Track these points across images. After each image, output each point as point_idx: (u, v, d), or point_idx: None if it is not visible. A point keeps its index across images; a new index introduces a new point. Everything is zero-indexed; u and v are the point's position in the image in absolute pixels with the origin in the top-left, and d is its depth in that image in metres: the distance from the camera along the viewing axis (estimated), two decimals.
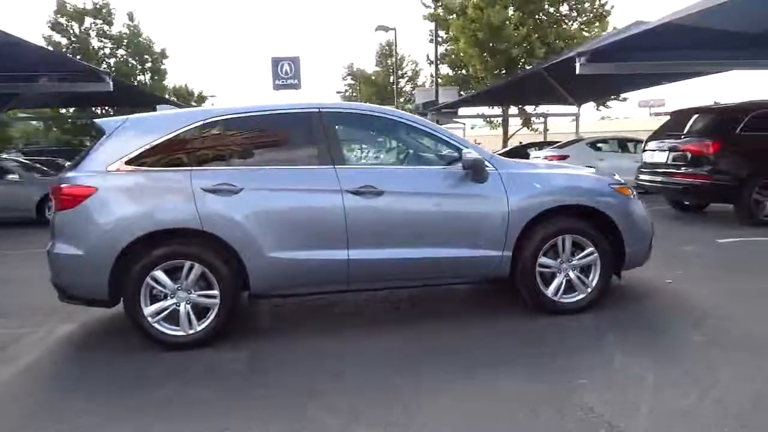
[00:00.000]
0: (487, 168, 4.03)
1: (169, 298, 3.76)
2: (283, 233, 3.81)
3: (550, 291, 4.16)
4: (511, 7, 17.70)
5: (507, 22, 16.87)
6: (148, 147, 3.81)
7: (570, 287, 4.20)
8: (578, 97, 19.13)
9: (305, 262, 3.84)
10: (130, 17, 27.68)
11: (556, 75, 14.26)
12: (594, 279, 4.21)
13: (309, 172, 3.94)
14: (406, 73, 51.09)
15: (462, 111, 22.98)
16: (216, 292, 3.77)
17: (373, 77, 49.68)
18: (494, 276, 4.15)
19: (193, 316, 3.78)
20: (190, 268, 3.73)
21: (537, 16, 17.96)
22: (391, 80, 49.55)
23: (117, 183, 3.76)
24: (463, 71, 20.91)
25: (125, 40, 27.01)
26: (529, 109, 21.78)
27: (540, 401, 2.89)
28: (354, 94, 65.12)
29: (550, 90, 16.53)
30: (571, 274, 4.19)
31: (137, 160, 3.79)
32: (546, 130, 24.40)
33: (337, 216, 3.85)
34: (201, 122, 3.91)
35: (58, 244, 3.74)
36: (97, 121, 4.02)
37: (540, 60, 17.92)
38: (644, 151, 9.37)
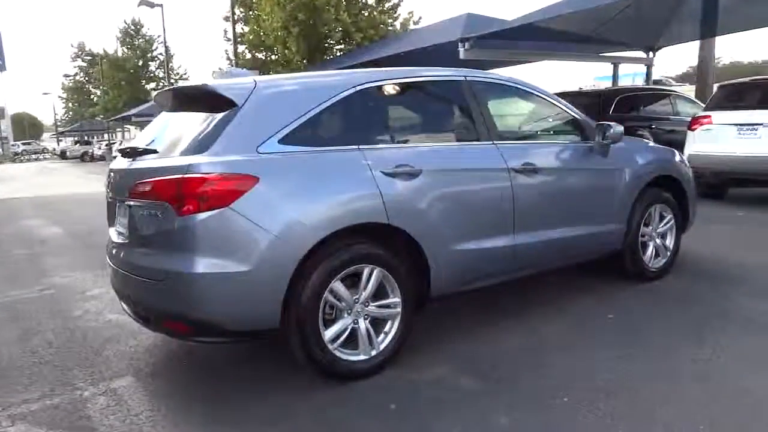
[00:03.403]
0: None
1: (345, 314, 2.92)
2: (463, 221, 3.26)
3: (646, 258, 4.37)
4: None
5: (327, 6, 16.65)
6: (302, 121, 2.86)
7: (656, 253, 4.47)
8: None
9: (482, 252, 3.34)
10: None
11: (377, 65, 14.58)
12: (671, 243, 4.55)
13: (476, 149, 3.42)
14: (156, 57, 46.59)
15: None
16: (397, 299, 3.05)
17: (120, 60, 43.82)
18: (615, 250, 4.17)
19: (373, 334, 3.00)
20: (370, 274, 2.95)
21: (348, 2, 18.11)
22: (142, 63, 44.80)
23: (281, 169, 2.75)
24: (269, 54, 19.94)
25: None
26: None
27: None
28: (87, 78, 56.96)
29: None
30: (658, 241, 4.46)
31: (293, 138, 2.82)
32: None
33: (507, 197, 3.44)
34: (352, 89, 3.06)
35: (202, 260, 2.57)
36: (216, 86, 2.84)
37: (356, 45, 18.17)
38: None
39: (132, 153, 3.07)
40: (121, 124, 45.87)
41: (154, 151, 2.94)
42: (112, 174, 3.15)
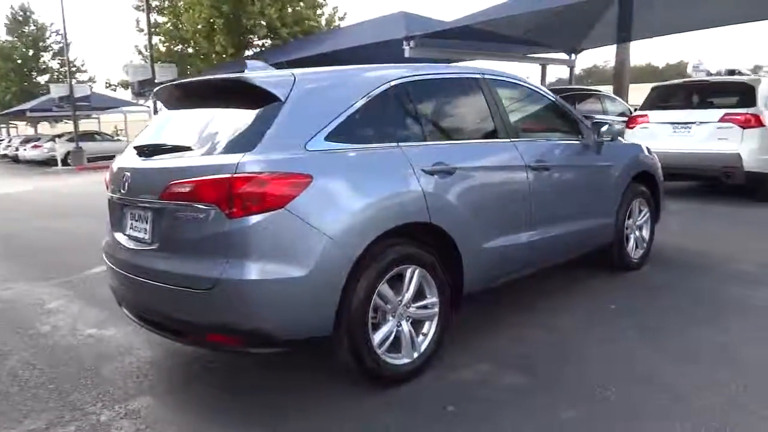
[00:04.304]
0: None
1: (389, 317, 2.84)
2: (491, 218, 3.28)
3: (629, 249, 4.60)
4: None
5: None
6: (345, 116, 2.74)
7: (636, 245, 4.71)
8: None
9: (507, 248, 3.37)
10: None
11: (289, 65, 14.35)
12: (647, 235, 4.81)
13: (498, 146, 3.43)
14: (50, 47, 43.02)
15: None
16: (434, 299, 3.00)
17: (6, 49, 39.85)
18: (606, 242, 4.33)
19: (415, 336, 2.94)
20: (412, 275, 2.88)
21: None
22: (32, 54, 41.04)
23: (332, 167, 2.61)
24: (186, 47, 18.92)
25: None
26: None
27: None
28: None
29: None
30: (637, 233, 4.70)
31: (338, 135, 2.69)
32: None
33: (526, 194, 3.49)
34: (387, 84, 2.96)
35: (258, 266, 2.38)
36: (255, 79, 2.63)
37: (283, 39, 17.71)
38: None
39: (154, 150, 2.79)
40: (7, 119, 41.96)
41: (187, 149, 2.69)
42: (126, 173, 2.84)
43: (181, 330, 2.67)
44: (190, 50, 18.95)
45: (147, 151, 2.84)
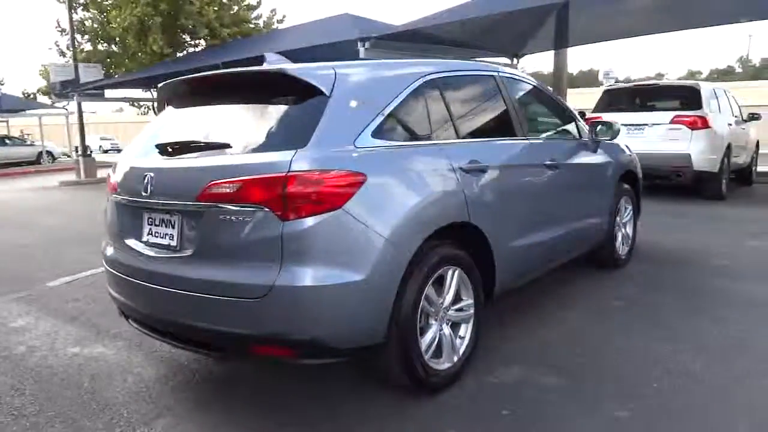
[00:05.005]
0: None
1: (432, 321, 2.73)
2: (517, 216, 3.25)
3: (617, 246, 4.71)
4: None
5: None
6: (387, 113, 2.61)
7: (622, 242, 4.84)
8: None
9: (531, 246, 3.36)
10: None
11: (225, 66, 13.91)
12: (631, 232, 4.96)
13: (517, 144, 3.39)
14: None
15: (108, 93, 19.70)
16: (470, 300, 2.92)
17: None
18: (602, 239, 4.41)
19: (454, 339, 2.85)
20: (452, 276, 2.79)
21: None
22: None
23: (383, 165, 2.48)
24: (111, 46, 17.79)
25: None
26: None
27: None
28: None
29: None
30: (624, 231, 4.83)
31: (382, 132, 2.56)
32: None
33: (544, 192, 3.50)
34: (422, 79, 2.86)
35: (317, 271, 2.21)
36: (298, 72, 2.43)
37: (222, 40, 17.06)
38: None
39: (181, 148, 2.54)
40: None
41: (224, 146, 2.46)
42: (148, 174, 2.55)
43: (221, 343, 2.43)
44: (116, 49, 17.84)
45: (172, 149, 2.58)
